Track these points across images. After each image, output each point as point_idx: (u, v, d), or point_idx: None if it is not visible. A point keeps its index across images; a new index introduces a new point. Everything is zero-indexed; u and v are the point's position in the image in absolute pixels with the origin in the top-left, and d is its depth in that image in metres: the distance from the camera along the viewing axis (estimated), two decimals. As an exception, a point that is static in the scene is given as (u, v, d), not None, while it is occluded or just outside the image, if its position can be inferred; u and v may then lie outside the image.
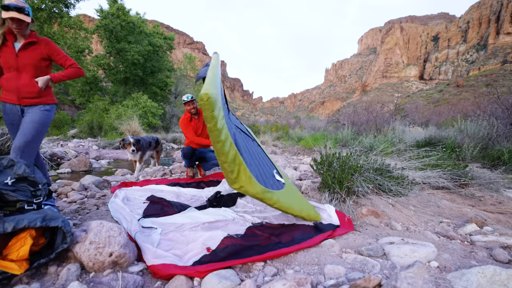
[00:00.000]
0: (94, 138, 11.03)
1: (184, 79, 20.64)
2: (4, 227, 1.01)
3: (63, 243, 1.13)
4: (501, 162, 3.97)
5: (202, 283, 1.09)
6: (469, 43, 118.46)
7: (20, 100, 1.95)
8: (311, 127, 14.14)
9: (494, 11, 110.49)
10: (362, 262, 1.26)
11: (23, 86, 1.93)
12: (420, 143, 5.84)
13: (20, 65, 1.91)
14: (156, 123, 13.04)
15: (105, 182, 3.02)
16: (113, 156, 5.87)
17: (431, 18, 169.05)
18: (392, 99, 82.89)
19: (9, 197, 1.26)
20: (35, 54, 1.95)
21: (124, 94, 15.65)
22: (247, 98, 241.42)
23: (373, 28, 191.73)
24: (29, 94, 1.95)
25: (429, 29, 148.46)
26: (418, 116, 15.48)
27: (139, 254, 1.30)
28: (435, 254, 1.34)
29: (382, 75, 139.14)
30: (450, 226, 1.95)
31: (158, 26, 17.71)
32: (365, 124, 9.61)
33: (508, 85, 21.20)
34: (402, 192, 2.37)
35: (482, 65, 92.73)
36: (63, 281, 1.04)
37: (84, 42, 13.81)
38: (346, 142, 7.01)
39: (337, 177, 2.29)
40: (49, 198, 1.69)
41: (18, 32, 1.89)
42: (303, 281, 0.99)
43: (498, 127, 5.36)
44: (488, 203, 2.52)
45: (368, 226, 1.89)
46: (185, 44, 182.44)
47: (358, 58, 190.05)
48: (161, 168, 3.95)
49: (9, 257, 1.06)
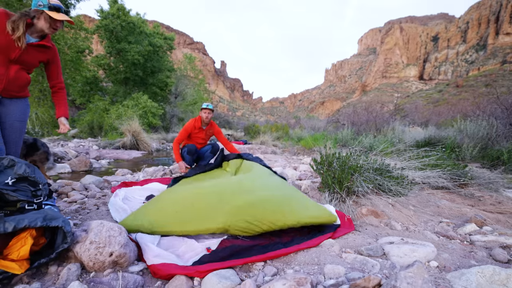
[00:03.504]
0: (94, 138, 11.03)
1: (184, 79, 20.61)
2: (5, 227, 1.01)
3: (64, 243, 1.14)
4: (500, 162, 3.97)
5: (202, 283, 1.09)
6: (468, 43, 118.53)
7: (4, 92, 1.77)
8: (311, 127, 14.14)
9: (494, 11, 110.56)
10: (362, 262, 1.27)
11: (14, 79, 1.76)
12: (420, 143, 5.85)
13: (20, 59, 1.75)
14: (156, 123, 13.03)
15: (106, 182, 3.02)
16: (113, 156, 5.87)
17: (431, 18, 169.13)
18: (391, 99, 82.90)
19: (10, 197, 1.26)
20: (40, 56, 1.87)
21: (124, 94, 15.64)
22: (247, 98, 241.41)
23: (373, 28, 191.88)
24: (17, 88, 1.80)
25: (429, 29, 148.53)
26: (417, 116, 15.49)
27: (139, 253, 1.30)
28: (434, 254, 1.34)
29: (381, 75, 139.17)
30: (449, 226, 1.95)
31: (158, 26, 17.71)
32: (365, 124, 9.61)
33: (508, 85, 21.23)
34: (402, 192, 2.37)
35: (482, 65, 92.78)
36: (64, 281, 1.04)
37: (85, 43, 13.80)
38: (346, 142, 7.01)
39: (337, 177, 2.29)
40: (49, 198, 1.69)
41: (50, 32, 1.79)
42: (303, 281, 0.99)
43: (497, 127, 5.37)
44: (487, 203, 2.52)
45: (368, 226, 1.90)
46: (185, 44, 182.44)
47: (358, 58, 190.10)
48: (161, 168, 3.95)
49: (10, 257, 1.06)
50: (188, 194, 1.85)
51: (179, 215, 1.60)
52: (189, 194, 1.84)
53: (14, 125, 1.84)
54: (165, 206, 1.73)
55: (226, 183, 2.00)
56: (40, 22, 1.72)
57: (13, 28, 1.64)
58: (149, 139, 8.46)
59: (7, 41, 1.65)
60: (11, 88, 1.77)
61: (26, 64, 1.80)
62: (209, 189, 1.86)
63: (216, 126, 3.78)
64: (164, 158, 6.26)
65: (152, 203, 1.85)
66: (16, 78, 1.77)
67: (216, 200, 1.68)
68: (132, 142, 7.34)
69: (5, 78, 1.72)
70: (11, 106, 1.82)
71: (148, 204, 1.85)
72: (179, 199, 1.80)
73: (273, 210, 1.55)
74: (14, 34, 1.64)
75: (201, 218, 1.57)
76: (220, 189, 1.83)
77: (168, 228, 1.52)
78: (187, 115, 17.53)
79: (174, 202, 1.75)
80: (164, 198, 1.91)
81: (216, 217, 1.54)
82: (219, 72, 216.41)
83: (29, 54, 1.78)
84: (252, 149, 7.51)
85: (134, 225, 1.54)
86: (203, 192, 1.82)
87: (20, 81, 1.80)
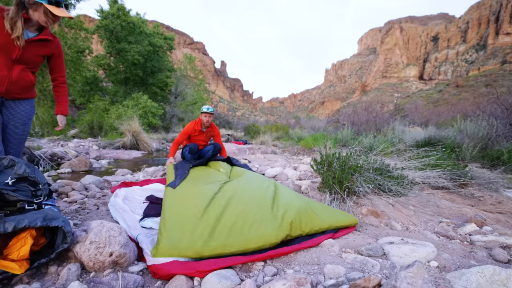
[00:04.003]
0: (94, 138, 11.03)
1: (184, 79, 20.63)
2: (5, 227, 1.01)
3: (64, 243, 1.14)
4: (500, 162, 3.98)
5: (202, 283, 1.09)
6: (468, 43, 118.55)
7: (6, 94, 1.69)
8: (311, 127, 14.14)
9: (494, 11, 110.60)
10: (362, 262, 1.27)
11: (17, 81, 1.67)
12: (420, 143, 5.85)
13: (22, 58, 1.64)
14: (156, 123, 13.04)
15: (106, 182, 3.02)
16: (113, 156, 5.87)
17: (431, 18, 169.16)
18: (391, 99, 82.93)
19: (10, 197, 1.26)
20: (41, 51, 1.73)
21: (124, 94, 15.65)
22: (247, 98, 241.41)
23: (373, 28, 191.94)
24: (19, 90, 1.72)
25: (429, 29, 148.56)
26: (417, 116, 15.51)
27: (139, 253, 1.30)
28: (434, 254, 1.34)
29: (381, 75, 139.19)
30: (449, 226, 1.95)
31: (158, 26, 17.72)
32: (365, 124, 9.62)
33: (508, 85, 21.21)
34: (402, 192, 2.37)
35: (482, 65, 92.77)
36: (64, 281, 1.04)
37: (85, 43, 13.80)
38: (346, 142, 7.01)
39: (337, 177, 2.29)
40: (49, 198, 1.69)
41: (46, 26, 1.65)
42: (303, 281, 0.99)
43: (497, 127, 5.37)
44: (487, 203, 2.52)
45: (368, 226, 1.89)
46: (185, 44, 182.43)
47: (358, 58, 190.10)
48: (161, 168, 3.95)
49: (10, 257, 1.06)
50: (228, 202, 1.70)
51: (238, 231, 1.40)
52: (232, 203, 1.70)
53: (17, 129, 1.79)
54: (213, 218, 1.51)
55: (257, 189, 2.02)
56: (37, 14, 1.58)
57: (12, 27, 1.53)
58: (149, 139, 8.46)
59: (6, 41, 1.56)
60: (14, 90, 1.70)
61: (28, 62, 1.70)
62: (248, 196, 1.82)
63: (216, 128, 3.77)
64: (164, 158, 6.26)
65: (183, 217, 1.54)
66: (19, 80, 1.68)
67: (260, 209, 1.61)
68: (132, 142, 7.34)
69: (7, 80, 1.64)
70: (14, 108, 1.76)
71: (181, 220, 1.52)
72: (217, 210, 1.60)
73: (311, 217, 1.62)
74: (13, 33, 1.54)
75: (258, 229, 1.42)
76: (258, 196, 1.82)
77: (230, 249, 1.29)
78: (187, 115, 17.54)
79: (219, 214, 1.55)
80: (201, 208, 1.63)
81: (269, 229, 1.44)
82: (219, 72, 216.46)
83: (29, 51, 1.66)
84: (252, 149, 7.51)
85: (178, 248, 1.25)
86: (243, 202, 1.71)
87: (23, 82, 1.72)
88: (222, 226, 1.43)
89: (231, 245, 1.29)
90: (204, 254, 1.24)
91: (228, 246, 1.29)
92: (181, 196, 1.89)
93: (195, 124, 3.55)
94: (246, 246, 1.31)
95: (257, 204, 1.68)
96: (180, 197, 1.87)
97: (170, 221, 1.47)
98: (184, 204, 1.73)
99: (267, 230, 1.41)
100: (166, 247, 1.23)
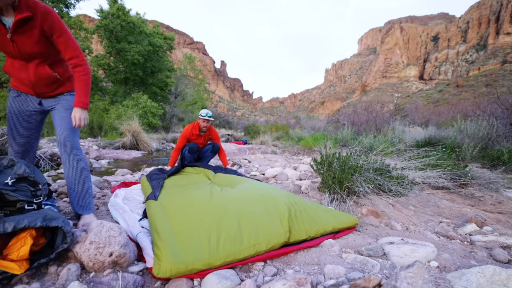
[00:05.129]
0: (94, 138, 11.03)
1: (184, 79, 20.63)
2: (5, 227, 1.01)
3: (63, 243, 1.14)
4: (500, 162, 3.97)
5: (202, 283, 1.09)
6: (469, 43, 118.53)
7: (40, 94, 1.57)
8: (311, 127, 14.14)
9: (494, 11, 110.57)
10: (362, 262, 1.27)
11: (37, 80, 1.51)
12: (420, 143, 5.85)
13: (23, 53, 1.43)
14: (156, 123, 13.04)
15: (105, 182, 3.01)
16: (113, 156, 5.88)
17: (431, 18, 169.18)
18: (392, 99, 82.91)
19: (10, 197, 1.26)
20: (30, 36, 1.40)
21: (124, 94, 15.66)
22: (247, 98, 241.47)
23: (373, 28, 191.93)
24: (44, 88, 1.56)
25: (429, 29, 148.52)
26: (418, 116, 15.50)
27: (139, 254, 1.30)
28: (435, 254, 1.34)
29: (382, 75, 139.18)
30: (450, 226, 1.95)
31: (158, 26, 17.72)
32: (365, 124, 9.62)
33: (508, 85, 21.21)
34: (402, 192, 2.37)
35: (482, 65, 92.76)
36: (63, 281, 1.04)
37: (84, 42, 13.81)
38: (346, 142, 7.01)
39: (337, 177, 2.29)
40: (49, 198, 1.69)
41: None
42: (303, 281, 0.99)
43: (497, 127, 5.37)
44: (487, 203, 2.52)
45: (368, 226, 1.89)
46: (185, 44, 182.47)
47: (358, 58, 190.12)
48: (161, 168, 3.95)
49: (10, 257, 1.06)
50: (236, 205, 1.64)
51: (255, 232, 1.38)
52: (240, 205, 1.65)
53: (63, 121, 1.60)
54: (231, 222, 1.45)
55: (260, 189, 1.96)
56: None
57: None
58: (149, 139, 8.46)
59: (2, 40, 1.38)
60: (42, 89, 1.56)
61: (34, 55, 1.46)
62: (253, 197, 1.76)
63: (214, 131, 3.72)
64: (164, 158, 6.26)
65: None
66: (38, 78, 1.51)
67: (263, 211, 1.59)
68: (132, 142, 7.34)
69: (28, 81, 1.50)
70: (60, 101, 1.62)
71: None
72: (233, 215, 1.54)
73: (314, 220, 1.61)
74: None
75: (266, 231, 1.40)
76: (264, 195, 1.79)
77: (241, 255, 1.25)
78: (187, 115, 17.55)
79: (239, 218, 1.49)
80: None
81: (277, 231, 1.42)
82: (219, 72, 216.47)
83: (21, 42, 1.39)
84: (252, 149, 7.51)
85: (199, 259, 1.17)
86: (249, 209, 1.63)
87: (44, 79, 1.52)
88: (226, 232, 1.35)
89: (241, 252, 1.25)
90: (216, 264, 1.17)
91: (239, 253, 1.24)
92: (170, 205, 1.72)
93: (193, 128, 3.52)
94: (257, 249, 1.28)
95: (258, 205, 1.66)
96: (170, 206, 1.71)
97: (165, 233, 1.32)
98: (176, 213, 1.59)
99: (276, 231, 1.40)
100: (169, 262, 1.10)
